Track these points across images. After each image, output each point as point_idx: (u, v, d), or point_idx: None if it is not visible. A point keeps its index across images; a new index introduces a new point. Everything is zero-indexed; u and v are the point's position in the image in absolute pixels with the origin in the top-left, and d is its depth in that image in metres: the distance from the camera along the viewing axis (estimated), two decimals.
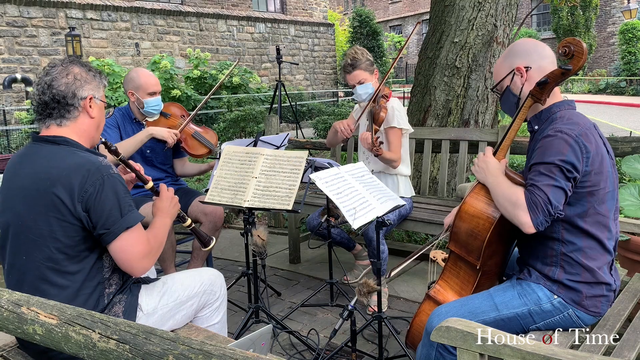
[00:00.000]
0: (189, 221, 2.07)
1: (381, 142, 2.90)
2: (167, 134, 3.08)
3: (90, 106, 1.79)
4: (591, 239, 1.75)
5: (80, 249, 1.69)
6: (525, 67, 1.84)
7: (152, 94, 3.09)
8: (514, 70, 1.86)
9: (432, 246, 2.16)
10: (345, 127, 3.17)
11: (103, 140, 1.90)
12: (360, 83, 3.12)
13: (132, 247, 1.69)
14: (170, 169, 3.33)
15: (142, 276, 2.00)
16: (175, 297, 1.93)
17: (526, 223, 1.68)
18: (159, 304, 1.88)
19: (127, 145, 2.96)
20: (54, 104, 1.74)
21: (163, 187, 1.98)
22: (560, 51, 1.78)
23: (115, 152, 1.92)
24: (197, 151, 3.31)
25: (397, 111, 3.11)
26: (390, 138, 3.10)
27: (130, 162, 1.99)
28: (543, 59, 1.84)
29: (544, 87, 1.78)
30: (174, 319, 1.93)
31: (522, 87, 1.85)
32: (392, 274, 2.27)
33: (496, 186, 1.80)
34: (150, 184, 1.99)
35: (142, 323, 1.71)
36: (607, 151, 1.80)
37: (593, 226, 1.74)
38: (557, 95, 1.86)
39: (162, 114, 3.24)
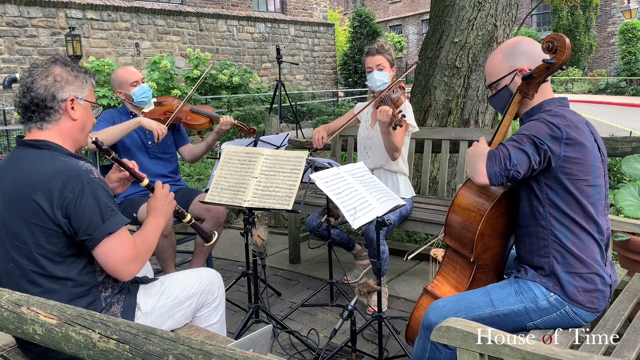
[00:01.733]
0: (188, 217, 2.05)
1: (403, 116, 2.82)
2: (155, 126, 3.02)
3: (72, 108, 1.73)
4: (579, 228, 1.76)
5: (65, 254, 1.66)
6: (528, 69, 1.84)
7: (135, 83, 3.15)
8: (515, 70, 1.87)
9: (438, 239, 2.17)
10: (318, 137, 3.27)
11: (94, 139, 1.85)
12: (379, 68, 3.12)
13: (116, 253, 1.65)
14: (173, 157, 3.36)
15: (140, 276, 2.01)
16: (173, 296, 1.92)
17: (480, 171, 1.73)
18: (157, 304, 1.88)
19: (113, 132, 2.95)
20: (33, 107, 1.69)
21: (158, 184, 1.95)
22: (544, 46, 1.79)
23: (107, 151, 1.89)
24: (199, 121, 3.40)
25: (408, 107, 3.13)
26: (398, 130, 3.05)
27: (124, 160, 1.96)
28: None
29: (530, 81, 1.80)
30: (173, 319, 1.93)
31: None
32: (410, 257, 2.31)
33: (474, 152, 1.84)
34: (146, 181, 1.96)
35: (140, 323, 1.72)
36: (599, 148, 1.81)
37: (579, 216, 1.75)
38: (549, 92, 1.88)
39: (156, 104, 3.31)
